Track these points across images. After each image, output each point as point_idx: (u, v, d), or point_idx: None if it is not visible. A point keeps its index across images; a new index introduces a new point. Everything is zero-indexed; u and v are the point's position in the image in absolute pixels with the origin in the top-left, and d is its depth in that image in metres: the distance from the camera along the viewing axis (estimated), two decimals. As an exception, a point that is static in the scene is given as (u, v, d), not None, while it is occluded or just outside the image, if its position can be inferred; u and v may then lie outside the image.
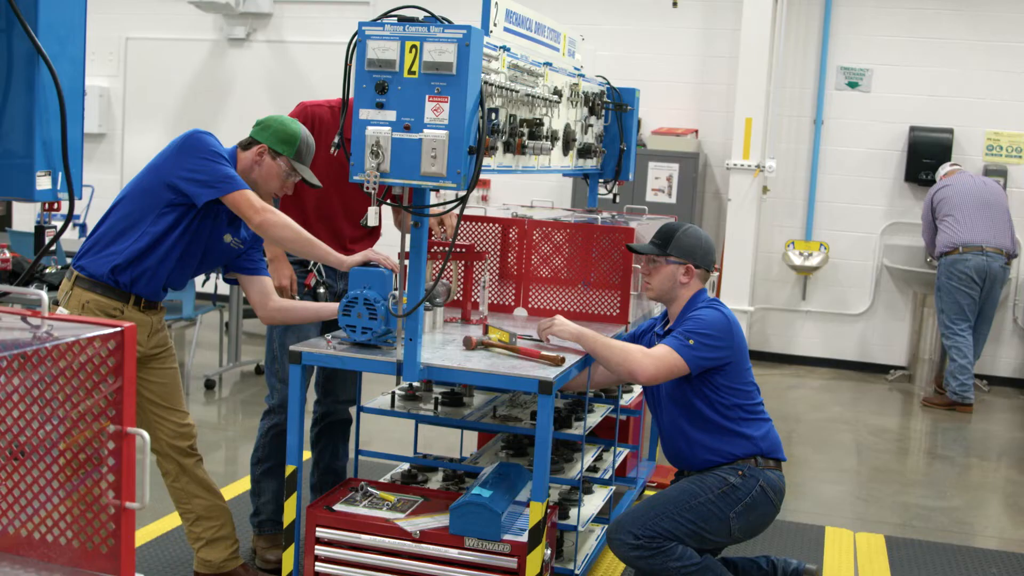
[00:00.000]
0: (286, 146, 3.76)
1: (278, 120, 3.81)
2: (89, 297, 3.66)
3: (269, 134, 3.76)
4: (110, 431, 1.58)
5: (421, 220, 3.29)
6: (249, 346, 8.47)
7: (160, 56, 10.55)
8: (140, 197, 3.68)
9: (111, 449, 1.60)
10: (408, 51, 3.14)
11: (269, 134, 3.76)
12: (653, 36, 9.24)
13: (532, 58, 3.92)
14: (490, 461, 4.14)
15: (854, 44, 8.94)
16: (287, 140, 3.76)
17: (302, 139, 3.78)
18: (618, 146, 5.27)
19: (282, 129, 3.77)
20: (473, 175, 3.17)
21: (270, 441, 4.25)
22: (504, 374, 3.38)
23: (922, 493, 5.93)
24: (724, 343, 3.76)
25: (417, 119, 3.14)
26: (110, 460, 1.62)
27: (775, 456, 3.88)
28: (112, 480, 1.63)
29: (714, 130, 9.20)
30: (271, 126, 3.78)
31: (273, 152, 3.75)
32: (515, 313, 4.51)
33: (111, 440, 1.59)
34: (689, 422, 3.86)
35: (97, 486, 1.63)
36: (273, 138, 3.76)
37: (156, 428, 3.89)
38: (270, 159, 3.75)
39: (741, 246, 8.71)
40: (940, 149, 8.65)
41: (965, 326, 7.93)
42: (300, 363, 3.53)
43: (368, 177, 3.16)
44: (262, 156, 3.75)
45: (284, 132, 3.76)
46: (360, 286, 3.52)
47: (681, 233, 3.97)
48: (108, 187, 10.52)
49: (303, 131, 3.80)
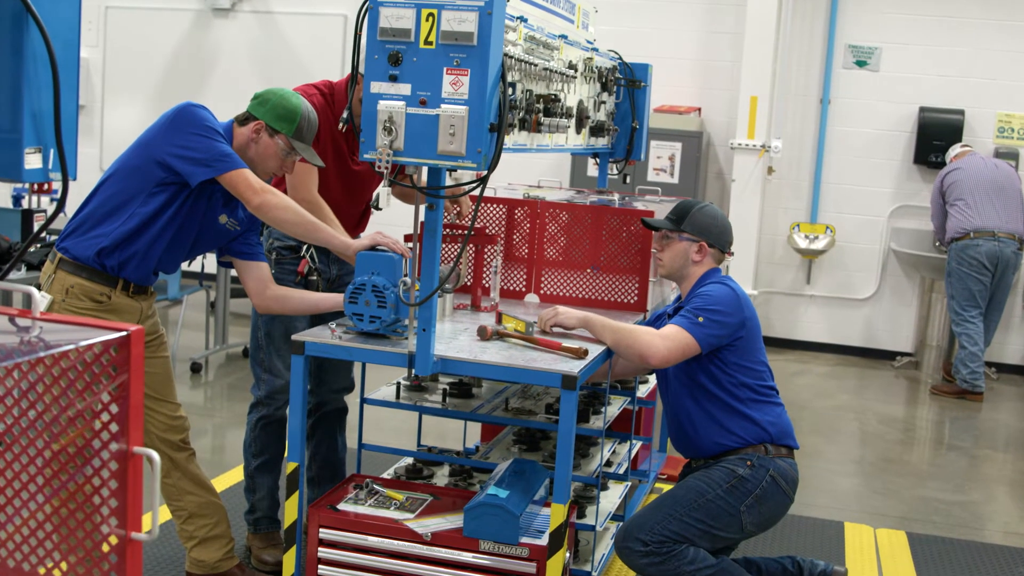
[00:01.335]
0: (285, 123, 3.49)
1: (277, 94, 3.54)
2: (73, 281, 3.41)
3: (267, 109, 3.50)
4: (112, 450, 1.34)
5: (436, 202, 3.04)
6: (236, 327, 8.21)
7: (141, 26, 10.19)
8: (128, 175, 3.42)
9: (114, 471, 1.36)
10: (425, 19, 2.88)
11: (267, 109, 3.50)
12: (655, 10, 8.97)
13: (547, 30, 3.67)
14: (502, 456, 3.91)
15: (863, 21, 8.69)
16: (286, 116, 3.49)
17: (302, 115, 3.51)
18: (629, 124, 5.03)
19: (281, 104, 3.50)
20: (494, 154, 2.93)
21: (260, 434, 4.01)
22: (524, 368, 3.14)
23: (939, 486, 5.74)
24: (734, 318, 3.59)
25: (434, 93, 2.88)
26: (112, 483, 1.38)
27: (786, 443, 3.68)
28: (115, 506, 1.39)
29: (718, 109, 8.95)
30: (269, 100, 3.52)
31: (271, 129, 3.49)
32: (526, 299, 4.28)
33: (114, 460, 1.35)
34: (694, 401, 3.67)
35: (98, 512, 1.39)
36: (271, 114, 3.50)
37: (147, 421, 3.64)
38: (267, 136, 3.50)
39: (745, 228, 8.46)
40: (950, 131, 8.42)
41: (976, 313, 7.73)
42: (303, 354, 3.28)
43: (380, 155, 2.91)
44: (259, 133, 3.49)
45: (283, 108, 3.50)
46: (368, 272, 3.27)
47: (697, 210, 3.83)
48: (87, 162, 10.19)
49: (304, 106, 3.53)
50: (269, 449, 4.00)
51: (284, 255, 3.95)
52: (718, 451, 3.66)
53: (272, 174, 3.59)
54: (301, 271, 3.86)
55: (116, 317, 3.46)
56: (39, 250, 5.97)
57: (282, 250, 3.94)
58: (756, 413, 3.65)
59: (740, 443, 3.63)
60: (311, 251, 3.89)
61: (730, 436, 3.63)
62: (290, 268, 3.89)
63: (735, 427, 3.63)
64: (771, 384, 3.75)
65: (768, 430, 3.64)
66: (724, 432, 3.64)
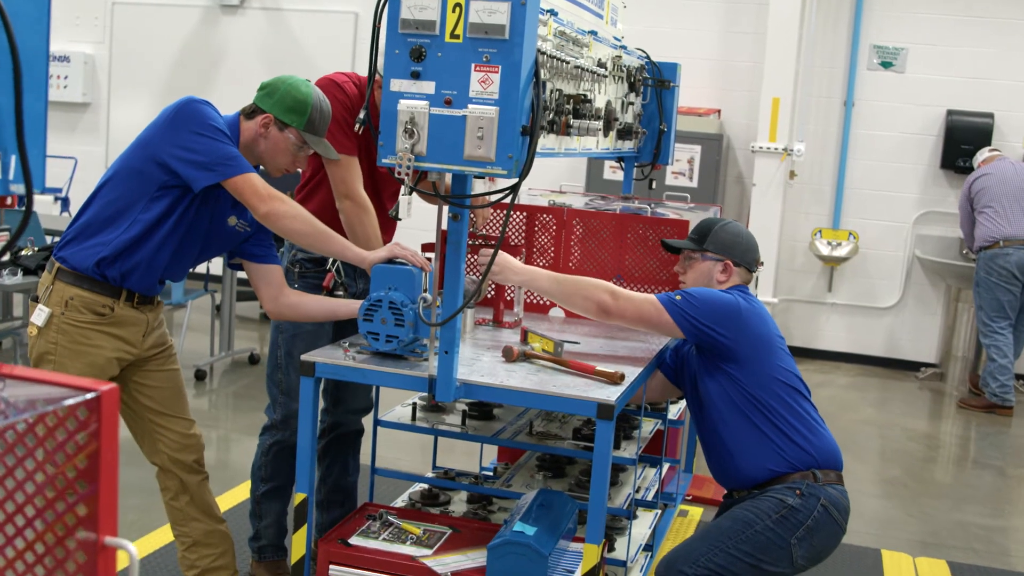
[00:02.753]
0: (295, 115, 3.21)
1: (286, 84, 3.25)
2: (73, 292, 3.15)
3: (275, 101, 3.22)
4: (80, 539, 1.07)
5: (461, 212, 2.77)
6: (242, 331, 7.96)
7: (148, 22, 9.94)
8: (129, 178, 3.15)
9: (81, 564, 1.09)
10: (451, 10, 2.61)
11: (275, 101, 3.22)
12: (674, 9, 8.69)
13: (577, 25, 3.40)
14: (524, 483, 3.64)
15: (888, 21, 8.41)
16: (296, 108, 3.21)
17: (313, 106, 3.22)
18: (655, 126, 4.76)
19: (290, 95, 3.21)
20: (527, 160, 2.66)
21: (272, 459, 3.73)
22: (556, 395, 2.87)
23: (976, 510, 5.46)
24: (724, 320, 3.32)
25: (461, 92, 2.61)
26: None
27: (834, 467, 3.41)
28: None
29: (738, 110, 8.67)
30: (277, 91, 3.23)
31: (280, 123, 3.22)
32: (551, 314, 4.01)
33: (81, 551, 1.08)
34: (729, 427, 3.40)
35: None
36: (279, 106, 3.21)
37: (156, 439, 3.39)
38: (277, 130, 3.22)
39: (765, 234, 8.15)
40: (979, 134, 8.14)
41: (1005, 324, 7.46)
42: (313, 376, 3.02)
43: (400, 160, 2.64)
44: (267, 128, 3.22)
45: (292, 99, 3.21)
46: (384, 286, 3.00)
47: (720, 227, 3.62)
48: (93, 160, 9.97)
49: (315, 96, 3.24)
50: (280, 476, 3.72)
51: (308, 268, 3.67)
52: (763, 479, 3.39)
53: (284, 170, 3.32)
54: (327, 285, 3.57)
55: (120, 330, 3.22)
56: (36, 254, 5.69)
57: (306, 263, 3.67)
58: (799, 436, 3.38)
59: (786, 469, 3.36)
60: (337, 264, 3.60)
61: (774, 462, 3.36)
62: (314, 283, 3.60)
63: (778, 453, 3.36)
64: (807, 403, 3.48)
65: (814, 454, 3.38)
66: (767, 459, 3.37)
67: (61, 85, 10.01)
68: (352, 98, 3.54)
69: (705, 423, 3.52)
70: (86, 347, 3.17)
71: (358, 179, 3.53)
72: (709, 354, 3.43)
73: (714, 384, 3.42)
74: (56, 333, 3.15)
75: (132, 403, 3.40)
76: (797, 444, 3.37)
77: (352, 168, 3.51)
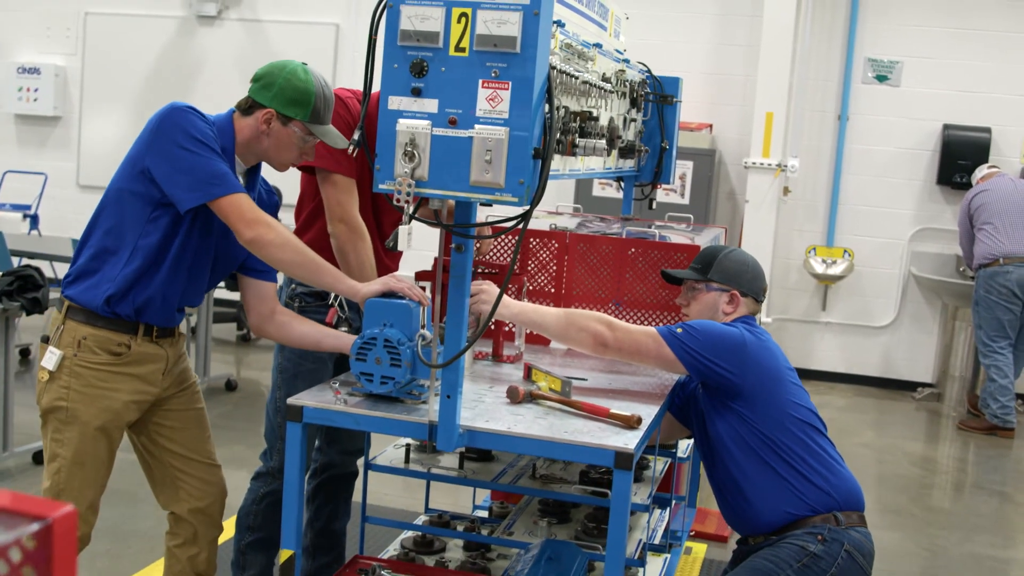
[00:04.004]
0: (298, 108, 2.93)
1: (284, 73, 2.95)
2: (86, 332, 2.89)
3: (274, 94, 2.93)
4: None
5: (466, 243, 2.52)
6: (219, 355, 7.66)
7: (122, 33, 9.63)
8: (122, 202, 2.88)
9: None
10: (456, 21, 2.36)
11: (274, 94, 2.93)
12: (664, 21, 8.48)
13: (582, 37, 3.16)
14: (527, 529, 3.38)
15: (883, 34, 8.23)
16: (298, 99, 2.93)
17: (316, 94, 2.94)
18: (657, 143, 4.53)
19: (291, 85, 2.93)
20: (539, 186, 2.41)
21: (265, 509, 3.44)
22: (569, 442, 2.60)
23: (989, 540, 5.24)
24: (727, 356, 3.10)
25: (466, 111, 2.36)
26: None
27: (855, 508, 3.17)
28: None
29: (730, 125, 8.46)
30: (275, 82, 2.94)
31: (283, 117, 2.93)
32: (552, 346, 3.75)
33: None
34: (742, 470, 3.16)
35: None
36: (280, 99, 2.93)
37: (179, 487, 3.13)
38: (280, 125, 2.94)
39: (758, 251, 7.85)
40: (976, 149, 7.96)
41: (1005, 343, 7.26)
42: (301, 421, 2.75)
43: (399, 186, 2.38)
44: (270, 123, 2.94)
45: (294, 89, 2.93)
46: (379, 322, 2.74)
47: (724, 256, 3.41)
48: (63, 176, 9.68)
49: (315, 82, 2.95)
50: (269, 527, 3.42)
51: (309, 303, 3.40)
52: (780, 524, 3.14)
53: (292, 164, 3.05)
54: (329, 321, 3.29)
55: (138, 368, 2.95)
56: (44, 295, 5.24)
57: (306, 296, 3.40)
58: (817, 477, 3.14)
59: (806, 513, 3.11)
60: (340, 299, 3.32)
61: (792, 506, 3.12)
62: (317, 318, 3.29)
63: (796, 495, 3.12)
64: (826, 440, 3.24)
65: (834, 495, 3.14)
66: (784, 502, 3.13)
67: (31, 98, 9.69)
68: (356, 116, 3.28)
69: (716, 464, 3.28)
70: (102, 390, 2.90)
71: (354, 202, 3.27)
72: (715, 391, 3.19)
73: (723, 423, 3.19)
74: (69, 377, 2.89)
75: (152, 447, 3.13)
76: (816, 485, 3.13)
77: (349, 190, 3.25)
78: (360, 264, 3.22)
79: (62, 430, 2.90)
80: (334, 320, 3.26)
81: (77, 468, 2.90)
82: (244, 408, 6.78)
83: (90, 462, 2.91)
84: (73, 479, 2.90)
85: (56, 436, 2.91)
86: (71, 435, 2.89)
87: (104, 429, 2.91)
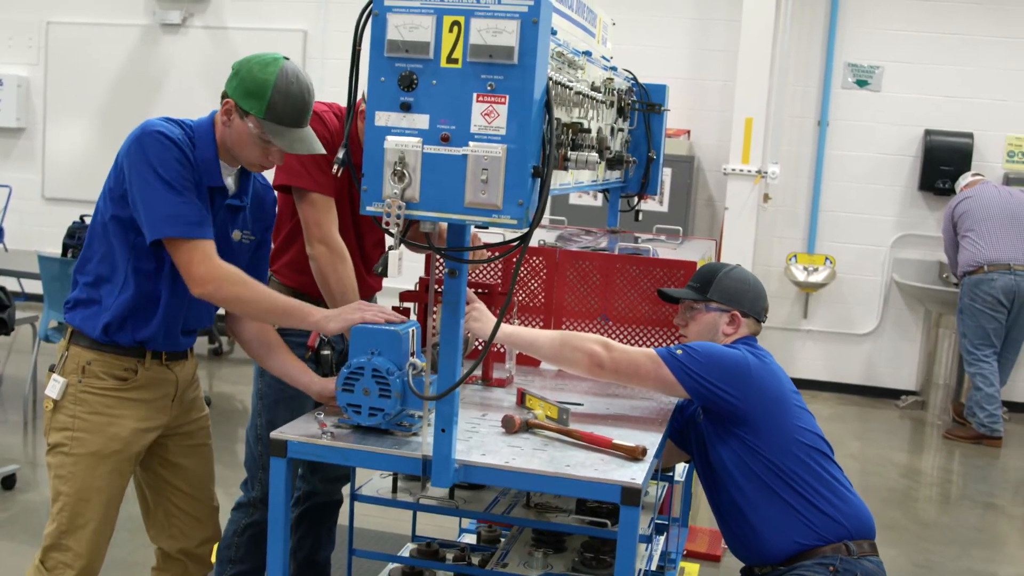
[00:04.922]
0: (252, 100, 2.69)
1: (249, 63, 2.73)
2: (91, 357, 2.75)
3: (236, 84, 2.72)
4: None
5: (459, 267, 2.36)
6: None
7: (85, 42, 9.39)
8: (107, 228, 2.74)
9: None
10: (448, 29, 2.20)
11: (236, 84, 2.72)
12: (640, 26, 8.34)
13: (572, 45, 3.02)
14: (521, 560, 3.21)
15: (863, 38, 8.13)
16: (253, 92, 2.68)
17: (275, 87, 2.68)
18: (644, 153, 4.40)
19: (250, 77, 2.69)
20: (539, 206, 2.25)
21: (246, 541, 3.27)
22: (571, 477, 2.45)
23: (985, 555, 5.14)
24: (730, 380, 2.97)
25: (460, 127, 2.20)
26: None
27: (867, 536, 3.04)
28: None
29: (708, 131, 8.34)
30: (239, 72, 2.73)
31: (240, 110, 2.72)
32: (543, 367, 3.60)
33: None
34: (747, 497, 3.02)
35: None
36: (239, 89, 2.71)
37: (173, 524, 3.00)
38: (239, 118, 2.72)
39: (738, 259, 7.77)
40: (958, 155, 7.88)
41: (990, 352, 7.18)
42: (285, 456, 2.58)
43: (388, 208, 2.22)
44: (230, 115, 2.73)
45: (252, 81, 2.69)
46: (366, 350, 2.57)
47: (724, 275, 3.27)
48: (28, 188, 9.45)
49: (280, 76, 2.69)
50: (252, 559, 3.26)
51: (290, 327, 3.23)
52: (789, 554, 3.00)
53: (260, 166, 2.81)
54: (312, 344, 3.11)
55: (145, 393, 2.81)
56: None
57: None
58: (826, 504, 3.01)
59: (816, 542, 2.98)
60: None
61: (802, 535, 2.98)
62: (298, 341, 3.11)
63: (805, 524, 2.98)
64: (835, 466, 3.11)
65: (845, 523, 3.00)
66: (793, 531, 2.99)
67: (-7, 109, 9.43)
68: (333, 131, 3.10)
69: (719, 491, 3.14)
70: (108, 417, 2.75)
71: (334, 222, 3.09)
72: (717, 416, 3.05)
73: (727, 450, 3.05)
74: (74, 404, 2.74)
75: (155, 482, 2.98)
76: (825, 513, 3.00)
77: (327, 209, 3.08)
78: (342, 288, 3.06)
79: (66, 464, 2.73)
80: (315, 343, 3.09)
81: (82, 505, 2.73)
82: (219, 425, 6.51)
83: (96, 498, 2.74)
84: (78, 518, 2.73)
85: (59, 472, 2.75)
86: (76, 469, 2.73)
87: (111, 460, 2.75)
